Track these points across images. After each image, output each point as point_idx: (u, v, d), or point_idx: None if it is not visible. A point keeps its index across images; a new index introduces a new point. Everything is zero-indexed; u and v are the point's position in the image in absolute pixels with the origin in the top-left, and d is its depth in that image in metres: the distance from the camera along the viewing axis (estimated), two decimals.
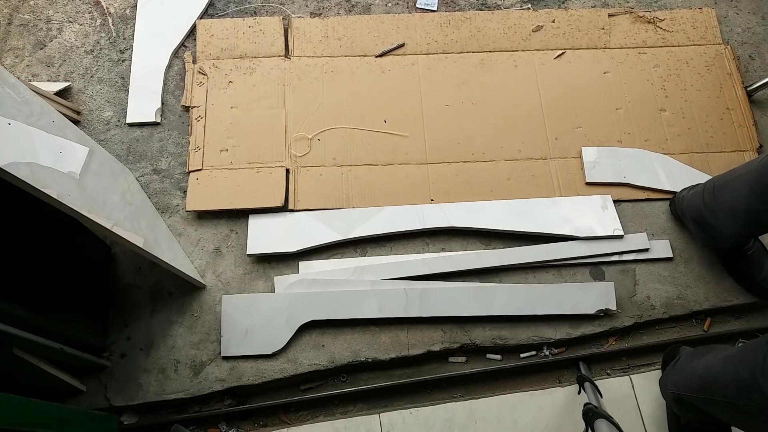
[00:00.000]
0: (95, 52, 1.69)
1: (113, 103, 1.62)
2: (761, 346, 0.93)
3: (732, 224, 1.27)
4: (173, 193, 1.53)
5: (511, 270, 1.46)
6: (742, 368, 0.95)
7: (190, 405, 1.38)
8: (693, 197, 1.39)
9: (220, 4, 1.76)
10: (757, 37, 1.76)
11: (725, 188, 1.28)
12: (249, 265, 1.45)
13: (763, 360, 0.90)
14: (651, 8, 1.79)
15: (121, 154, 1.56)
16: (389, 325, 1.40)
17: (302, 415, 1.40)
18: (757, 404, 0.92)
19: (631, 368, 1.45)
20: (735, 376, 0.97)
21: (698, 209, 1.36)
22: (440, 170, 1.55)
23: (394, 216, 1.48)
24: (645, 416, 1.38)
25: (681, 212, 1.45)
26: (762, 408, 0.91)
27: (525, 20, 1.74)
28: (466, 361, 1.43)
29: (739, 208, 1.22)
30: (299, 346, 1.38)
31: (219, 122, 1.57)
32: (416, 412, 1.38)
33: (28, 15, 1.74)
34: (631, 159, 1.56)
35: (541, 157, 1.58)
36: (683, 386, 1.16)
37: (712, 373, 1.05)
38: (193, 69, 1.65)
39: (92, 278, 1.39)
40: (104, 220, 1.10)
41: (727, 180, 1.28)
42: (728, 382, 0.99)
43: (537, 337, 1.41)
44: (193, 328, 1.39)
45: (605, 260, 1.47)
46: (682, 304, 1.44)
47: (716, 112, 1.64)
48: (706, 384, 1.06)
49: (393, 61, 1.68)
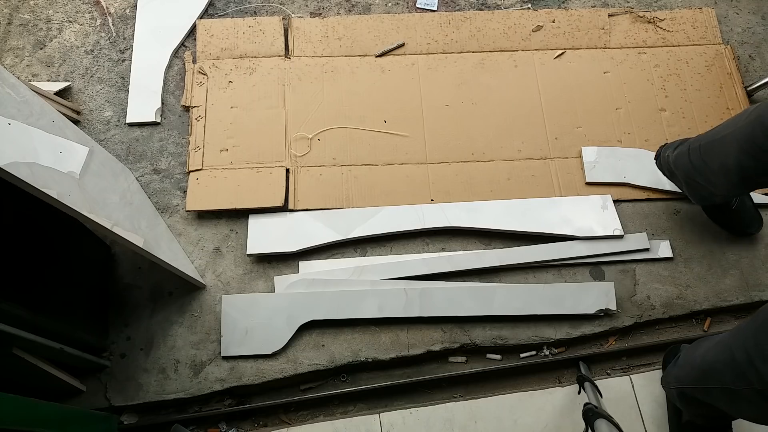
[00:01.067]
0: (95, 52, 1.69)
1: (113, 103, 1.62)
2: (753, 326, 0.92)
3: (724, 183, 1.25)
4: (173, 193, 1.53)
5: (511, 270, 1.46)
6: (737, 351, 0.94)
7: (190, 405, 1.38)
8: (679, 158, 1.36)
9: (220, 4, 1.75)
10: (757, 37, 1.76)
11: (713, 147, 1.25)
12: (249, 264, 1.45)
13: (755, 339, 0.89)
14: (651, 8, 1.79)
15: (121, 154, 1.56)
16: (389, 325, 1.40)
17: (302, 415, 1.40)
18: (755, 386, 0.90)
19: (631, 368, 1.45)
20: (731, 359, 0.95)
21: (687, 170, 1.34)
22: (440, 170, 1.55)
23: (394, 216, 1.48)
24: (645, 416, 1.38)
25: (670, 173, 1.44)
26: (760, 389, 0.89)
27: (525, 20, 1.74)
28: (466, 361, 1.43)
29: (731, 167, 1.20)
30: (299, 346, 1.38)
31: (219, 122, 1.57)
32: (416, 412, 1.38)
33: (28, 15, 1.74)
34: (631, 159, 1.56)
35: (541, 157, 1.58)
36: (684, 379, 1.15)
37: (708, 360, 1.04)
38: (193, 69, 1.65)
39: (92, 278, 1.39)
40: (104, 220, 1.10)
41: (714, 139, 1.25)
42: (724, 367, 0.97)
43: (537, 336, 1.41)
44: (193, 328, 1.39)
45: (605, 260, 1.47)
46: (682, 304, 1.44)
47: (716, 112, 1.64)
48: (704, 372, 1.05)
49: (393, 60, 1.68)
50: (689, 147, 1.32)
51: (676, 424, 1.32)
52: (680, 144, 1.38)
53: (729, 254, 1.49)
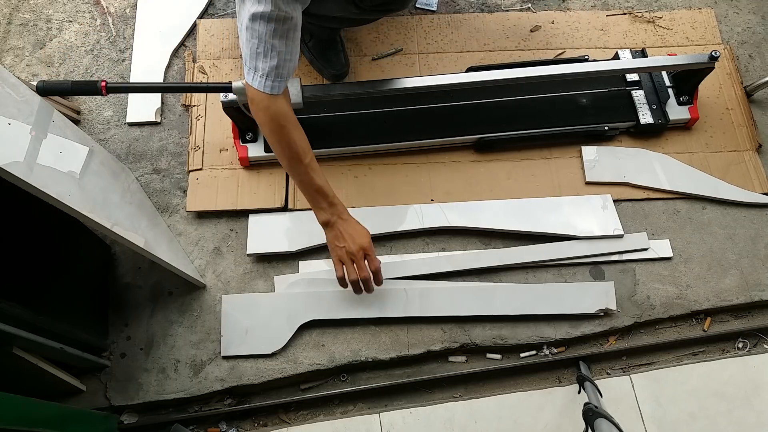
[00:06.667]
0: (95, 52, 1.69)
1: (113, 103, 1.62)
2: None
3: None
4: (173, 192, 1.53)
5: (511, 270, 1.46)
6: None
7: (190, 404, 1.38)
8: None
9: (220, 4, 1.75)
10: (757, 36, 1.76)
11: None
12: (249, 264, 1.45)
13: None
14: (651, 8, 1.79)
15: (121, 153, 1.56)
16: (389, 325, 1.40)
17: (302, 414, 1.41)
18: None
19: (631, 368, 1.45)
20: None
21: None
22: (440, 170, 1.55)
23: (394, 216, 1.48)
24: (645, 416, 1.38)
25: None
26: None
27: (524, 21, 1.74)
28: (466, 361, 1.43)
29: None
30: (299, 346, 1.38)
31: (219, 121, 1.57)
32: (416, 412, 1.38)
33: (28, 14, 1.74)
34: (631, 158, 1.56)
35: (541, 157, 1.58)
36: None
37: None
38: (193, 68, 1.65)
39: (92, 278, 1.39)
40: (104, 219, 1.10)
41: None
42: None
43: (537, 336, 1.41)
44: (193, 328, 1.39)
45: (605, 260, 1.47)
46: (682, 304, 1.44)
47: (715, 111, 1.64)
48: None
49: (392, 61, 1.68)
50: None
51: None
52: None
53: (729, 254, 1.49)
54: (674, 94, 1.58)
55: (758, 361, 1.44)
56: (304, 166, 1.19)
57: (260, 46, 1.09)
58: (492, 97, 1.56)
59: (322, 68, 1.60)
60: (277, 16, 1.06)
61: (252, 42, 1.09)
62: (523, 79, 1.43)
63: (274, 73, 1.11)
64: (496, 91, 1.55)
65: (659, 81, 1.59)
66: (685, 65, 1.47)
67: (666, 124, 1.55)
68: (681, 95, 1.57)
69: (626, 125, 1.58)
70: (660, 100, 1.56)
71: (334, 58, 1.59)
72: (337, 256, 1.26)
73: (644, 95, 1.57)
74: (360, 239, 1.24)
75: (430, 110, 1.55)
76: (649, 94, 1.57)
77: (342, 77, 1.61)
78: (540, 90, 1.58)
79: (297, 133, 1.18)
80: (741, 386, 1.41)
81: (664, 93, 1.57)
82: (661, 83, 1.58)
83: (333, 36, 1.59)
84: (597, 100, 1.58)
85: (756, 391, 1.41)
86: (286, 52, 1.12)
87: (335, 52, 1.59)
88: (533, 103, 1.57)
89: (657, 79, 1.59)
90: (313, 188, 1.22)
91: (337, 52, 1.60)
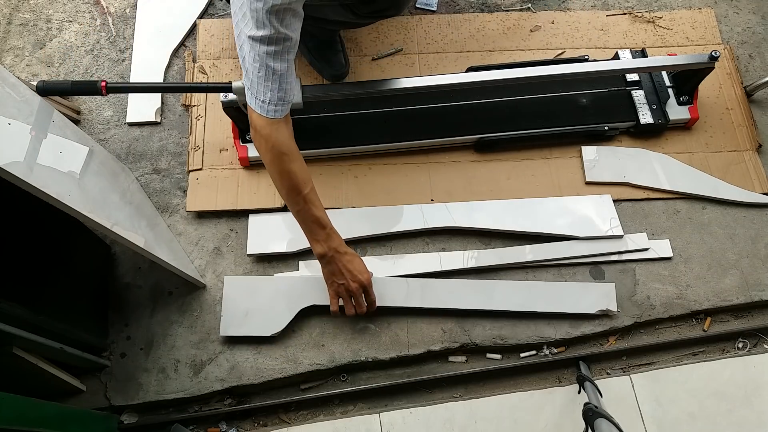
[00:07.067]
0: (95, 52, 1.69)
1: (113, 103, 1.62)
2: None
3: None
4: (173, 192, 1.53)
5: (511, 269, 1.46)
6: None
7: (190, 404, 1.38)
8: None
9: (220, 4, 1.75)
10: (757, 36, 1.76)
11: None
12: (249, 264, 1.45)
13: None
14: (651, 8, 1.79)
15: (121, 153, 1.56)
16: (389, 325, 1.40)
17: (302, 414, 1.41)
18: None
19: (631, 368, 1.45)
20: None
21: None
22: (440, 170, 1.55)
23: (394, 216, 1.48)
24: (645, 416, 1.38)
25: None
26: None
27: (524, 21, 1.74)
28: (466, 361, 1.43)
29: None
30: (299, 346, 1.38)
31: (219, 121, 1.57)
32: (416, 412, 1.38)
33: (28, 14, 1.74)
34: (631, 158, 1.56)
35: (541, 157, 1.58)
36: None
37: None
38: (193, 68, 1.65)
39: (92, 278, 1.39)
40: (104, 219, 1.10)
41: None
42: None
43: (537, 336, 1.41)
44: (193, 328, 1.39)
45: (605, 260, 1.47)
46: (682, 304, 1.44)
47: (715, 111, 1.64)
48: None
49: (392, 61, 1.68)
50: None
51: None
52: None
53: (729, 254, 1.49)
54: (674, 94, 1.59)
55: (758, 361, 1.44)
56: (302, 197, 1.17)
57: (261, 70, 1.08)
58: (492, 97, 1.56)
59: (322, 69, 1.60)
60: (277, 38, 1.05)
61: (254, 66, 1.08)
62: (523, 79, 1.44)
63: (276, 98, 1.10)
64: (496, 91, 1.55)
65: (659, 81, 1.59)
66: (685, 65, 1.47)
67: (666, 124, 1.55)
68: (681, 95, 1.58)
69: (626, 125, 1.58)
70: (660, 100, 1.56)
71: (333, 59, 1.59)
72: (335, 291, 1.26)
73: (644, 95, 1.57)
74: (360, 276, 1.24)
75: (430, 110, 1.55)
76: (649, 94, 1.57)
77: (342, 77, 1.61)
78: (540, 90, 1.58)
79: (297, 163, 1.16)
80: (741, 386, 1.41)
81: (664, 93, 1.57)
82: (661, 83, 1.59)
83: (332, 36, 1.59)
84: (597, 100, 1.58)
85: (756, 391, 1.41)
86: (288, 74, 1.11)
87: (335, 52, 1.59)
88: (533, 103, 1.57)
89: (657, 79, 1.59)
90: (310, 219, 1.20)
91: (337, 53, 1.59)
